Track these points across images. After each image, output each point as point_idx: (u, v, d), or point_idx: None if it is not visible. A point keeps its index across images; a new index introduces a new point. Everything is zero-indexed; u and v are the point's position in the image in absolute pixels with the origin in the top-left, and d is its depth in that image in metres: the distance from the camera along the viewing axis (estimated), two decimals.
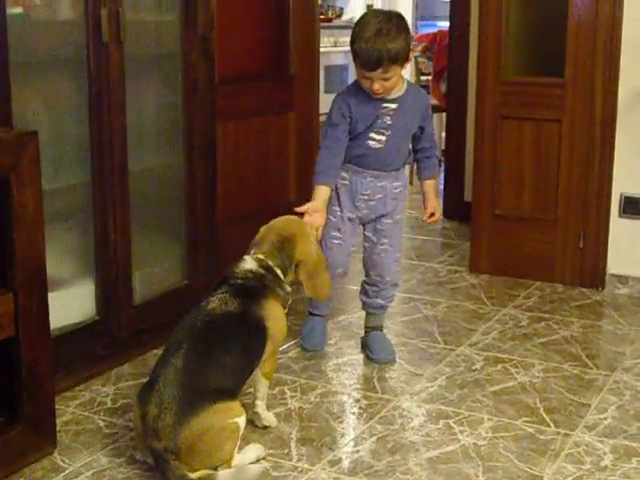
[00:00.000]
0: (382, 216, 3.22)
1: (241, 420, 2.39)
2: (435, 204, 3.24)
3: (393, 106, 3.09)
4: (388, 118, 3.09)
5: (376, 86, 2.98)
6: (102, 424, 2.76)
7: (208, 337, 2.46)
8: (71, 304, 2.99)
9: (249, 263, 2.63)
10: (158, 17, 3.36)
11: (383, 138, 3.11)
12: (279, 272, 2.65)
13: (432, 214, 3.24)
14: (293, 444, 2.64)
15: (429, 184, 3.27)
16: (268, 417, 2.75)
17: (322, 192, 3.08)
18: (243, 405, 2.46)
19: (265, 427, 2.73)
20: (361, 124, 3.09)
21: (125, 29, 2.99)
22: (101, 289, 3.08)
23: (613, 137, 3.97)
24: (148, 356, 3.23)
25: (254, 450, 2.55)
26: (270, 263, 2.64)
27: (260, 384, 2.70)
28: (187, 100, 3.38)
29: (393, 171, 3.17)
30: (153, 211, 3.38)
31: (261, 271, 2.61)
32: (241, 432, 2.39)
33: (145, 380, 2.50)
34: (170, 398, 2.32)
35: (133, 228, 3.16)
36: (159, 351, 3.10)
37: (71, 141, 3.00)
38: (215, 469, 2.34)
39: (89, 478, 2.45)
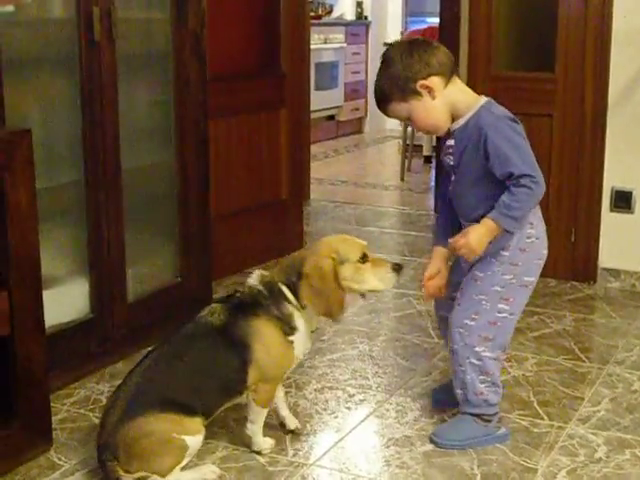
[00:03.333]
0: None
1: (192, 439, 2.30)
2: (463, 237, 2.44)
3: (450, 142, 2.54)
4: (450, 158, 2.54)
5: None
6: (97, 421, 2.75)
7: (179, 344, 2.41)
8: (65, 302, 3.00)
9: (253, 278, 2.50)
10: (149, 15, 3.36)
11: (452, 180, 2.58)
12: (284, 289, 2.44)
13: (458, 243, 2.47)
14: (288, 439, 2.65)
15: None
16: (258, 442, 2.53)
17: (435, 253, 2.69)
18: (207, 426, 2.39)
19: (257, 453, 2.54)
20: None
21: (117, 27, 2.99)
22: (95, 287, 3.08)
23: (604, 131, 3.98)
24: (142, 353, 3.23)
25: (203, 472, 2.40)
26: (275, 279, 2.46)
27: (250, 408, 2.49)
28: (179, 98, 3.38)
29: (473, 222, 2.48)
30: (146, 209, 3.38)
31: (259, 287, 2.45)
32: (189, 451, 2.31)
33: None
34: (123, 396, 2.32)
35: (126, 226, 3.16)
36: None
37: (64, 139, 3.01)
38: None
39: (85, 475, 2.45)
